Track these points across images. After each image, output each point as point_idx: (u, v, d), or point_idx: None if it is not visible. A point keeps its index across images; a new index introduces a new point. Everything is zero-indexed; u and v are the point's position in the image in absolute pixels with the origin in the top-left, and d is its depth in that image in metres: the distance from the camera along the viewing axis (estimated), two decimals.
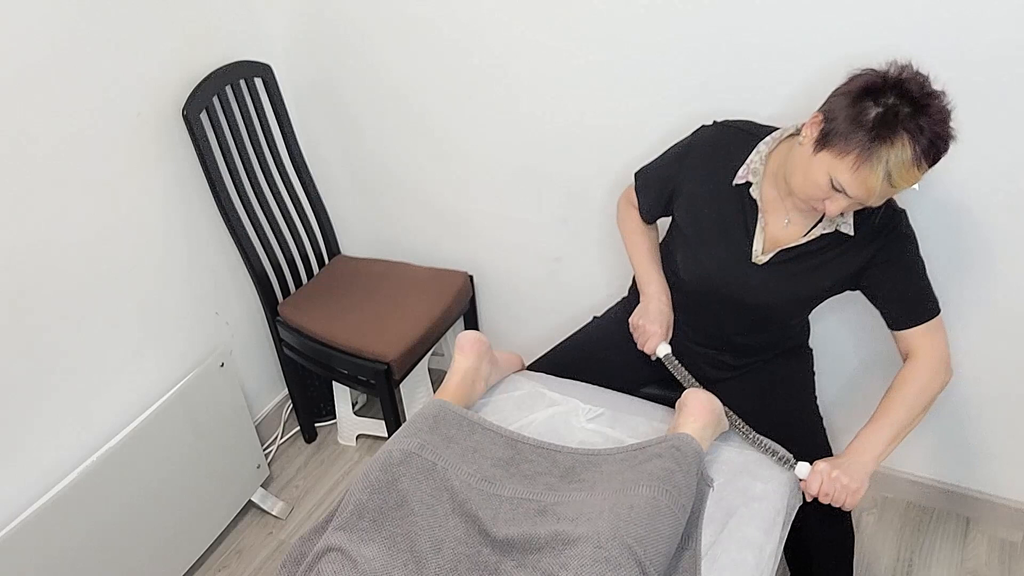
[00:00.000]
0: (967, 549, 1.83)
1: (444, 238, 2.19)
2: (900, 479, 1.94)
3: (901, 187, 1.15)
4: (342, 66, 2.01)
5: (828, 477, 1.30)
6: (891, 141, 1.11)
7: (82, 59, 1.58)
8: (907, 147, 1.11)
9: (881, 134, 1.12)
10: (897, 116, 1.11)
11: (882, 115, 1.12)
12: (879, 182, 1.13)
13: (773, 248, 1.38)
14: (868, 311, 1.52)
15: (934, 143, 1.12)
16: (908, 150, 1.11)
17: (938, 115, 1.12)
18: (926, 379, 1.35)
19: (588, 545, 1.11)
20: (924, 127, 1.11)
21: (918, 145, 1.11)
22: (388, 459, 1.29)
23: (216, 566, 2.00)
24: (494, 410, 1.55)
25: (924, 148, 1.12)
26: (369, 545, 1.21)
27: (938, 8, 1.33)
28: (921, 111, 1.12)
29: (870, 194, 1.16)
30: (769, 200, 1.38)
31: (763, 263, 1.39)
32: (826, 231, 1.34)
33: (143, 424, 1.74)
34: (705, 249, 1.43)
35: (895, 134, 1.11)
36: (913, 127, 1.11)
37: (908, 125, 1.11)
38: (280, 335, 2.09)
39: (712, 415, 1.38)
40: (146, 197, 1.79)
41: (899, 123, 1.11)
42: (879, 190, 1.15)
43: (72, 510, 1.60)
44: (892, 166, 1.12)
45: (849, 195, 1.18)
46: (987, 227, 1.52)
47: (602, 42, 1.66)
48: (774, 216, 1.38)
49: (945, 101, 1.14)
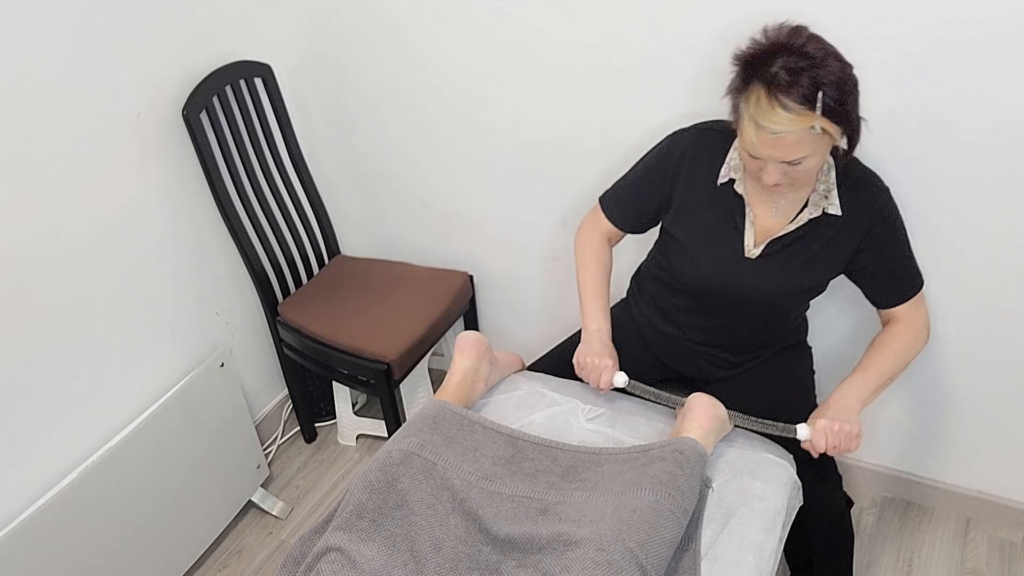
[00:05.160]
0: (967, 549, 1.83)
1: (444, 238, 2.19)
2: (900, 479, 1.94)
3: (781, 127, 1.16)
4: (342, 66, 2.01)
5: (832, 431, 1.32)
6: (746, 94, 1.21)
7: (82, 59, 1.58)
8: (759, 91, 1.18)
9: (738, 92, 1.22)
10: (749, 73, 1.20)
11: (740, 75, 1.22)
12: (756, 133, 1.20)
13: (764, 240, 1.39)
14: (868, 309, 1.52)
15: (791, 77, 1.15)
16: (760, 93, 1.18)
17: (795, 55, 1.16)
18: (911, 340, 1.42)
19: (590, 547, 1.11)
20: (777, 71, 1.16)
21: (772, 85, 1.16)
22: (388, 459, 1.29)
23: (216, 566, 2.00)
24: (494, 410, 1.55)
25: (781, 85, 1.15)
26: (369, 545, 1.21)
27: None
28: (772, 57, 1.17)
29: (763, 147, 1.20)
30: (753, 193, 1.39)
31: (756, 256, 1.40)
32: (813, 215, 1.35)
33: (143, 424, 1.74)
34: (699, 251, 1.44)
35: (748, 87, 1.20)
36: (764, 74, 1.17)
37: (758, 74, 1.18)
38: (280, 335, 2.09)
39: (716, 419, 1.38)
40: (146, 197, 1.79)
41: (752, 77, 1.19)
42: (770, 141, 1.19)
43: (72, 510, 1.60)
44: (753, 113, 1.19)
45: (760, 157, 1.23)
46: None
47: (603, 43, 1.66)
48: (762, 208, 1.39)
49: (807, 43, 1.17)
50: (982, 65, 1.36)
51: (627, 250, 1.70)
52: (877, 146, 1.46)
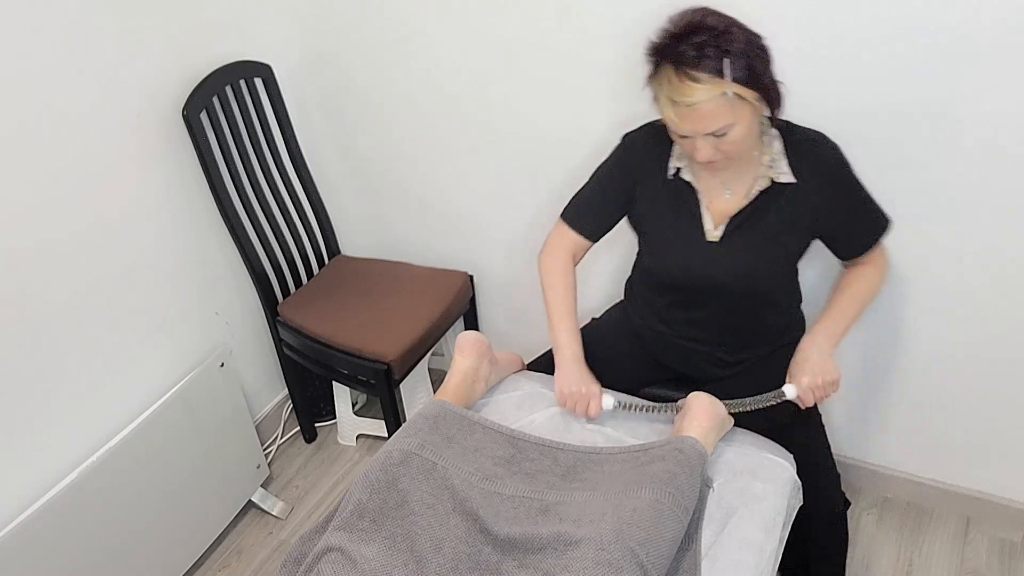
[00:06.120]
0: (967, 549, 1.83)
1: (444, 238, 2.19)
2: (900, 479, 1.94)
3: (694, 98, 1.20)
4: (342, 66, 2.01)
5: (816, 386, 1.36)
6: (658, 77, 1.26)
7: (82, 59, 1.58)
8: (668, 70, 1.23)
9: (652, 74, 1.27)
10: (659, 57, 1.25)
11: (651, 61, 1.26)
12: (674, 109, 1.24)
13: (723, 221, 1.41)
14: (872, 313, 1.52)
15: (697, 51, 1.19)
16: (670, 72, 1.22)
17: (699, 31, 1.20)
18: (876, 281, 1.47)
19: (590, 547, 1.11)
20: (683, 49, 1.20)
21: (674, 62, 1.21)
22: (388, 459, 1.29)
23: (216, 566, 2.00)
24: (494, 410, 1.55)
25: (688, 60, 1.20)
26: (369, 545, 1.21)
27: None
28: (678, 39, 1.21)
29: (684, 122, 1.24)
30: (702, 178, 1.42)
31: (719, 239, 1.41)
32: (762, 187, 1.37)
33: (143, 424, 1.74)
34: (664, 244, 1.47)
35: (659, 70, 1.25)
36: (671, 55, 1.22)
37: (665, 55, 1.23)
38: (280, 335, 2.09)
39: (716, 418, 1.38)
40: (146, 197, 1.79)
41: (662, 60, 1.24)
42: (687, 114, 1.23)
43: (72, 510, 1.60)
44: (667, 92, 1.23)
45: (686, 134, 1.27)
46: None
47: (604, 42, 1.66)
48: (713, 192, 1.42)
49: (708, 17, 1.22)
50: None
51: (602, 260, 1.69)
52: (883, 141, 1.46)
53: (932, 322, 1.67)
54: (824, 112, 1.44)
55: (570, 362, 1.50)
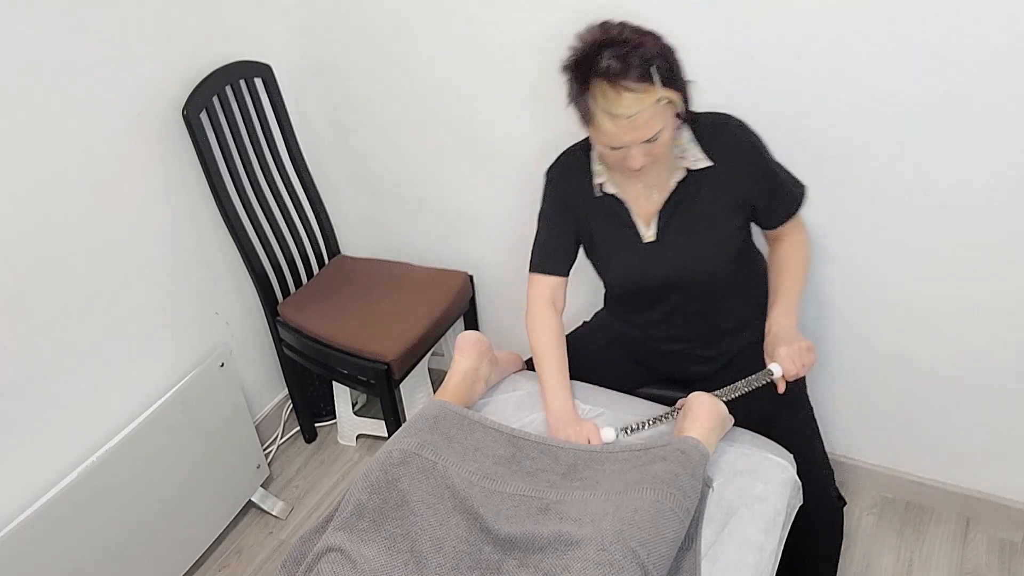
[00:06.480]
0: (967, 549, 1.83)
1: (444, 238, 2.19)
2: (900, 479, 1.94)
3: (633, 109, 1.23)
4: (342, 66, 2.01)
5: (795, 354, 1.38)
6: (589, 93, 1.26)
7: (82, 59, 1.58)
8: (600, 85, 1.24)
9: (581, 95, 1.28)
10: (582, 74, 1.26)
11: (576, 80, 1.28)
12: (613, 122, 1.25)
13: (653, 220, 1.44)
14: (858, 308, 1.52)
15: (623, 63, 1.22)
16: (602, 86, 1.24)
17: (616, 44, 1.23)
18: (806, 248, 1.51)
19: (591, 547, 1.11)
20: (608, 63, 1.22)
21: (606, 76, 1.23)
22: (388, 459, 1.29)
23: (216, 566, 2.00)
24: (494, 410, 1.55)
25: (617, 73, 1.22)
26: (369, 545, 1.21)
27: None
28: (596, 53, 1.23)
29: (623, 133, 1.25)
30: (625, 187, 1.45)
31: (655, 238, 1.45)
32: (679, 178, 1.40)
33: (143, 424, 1.74)
34: (609, 257, 1.50)
35: (588, 85, 1.26)
36: (597, 69, 1.24)
37: (592, 71, 1.24)
38: (280, 335, 2.09)
39: (717, 418, 1.38)
40: (146, 197, 1.79)
41: (588, 76, 1.25)
42: (627, 126, 1.24)
43: (72, 510, 1.60)
44: (604, 106, 1.25)
45: (622, 146, 1.28)
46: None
47: None
48: (639, 198, 1.45)
49: (622, 30, 1.25)
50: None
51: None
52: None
53: (932, 322, 1.67)
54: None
55: (558, 411, 1.47)
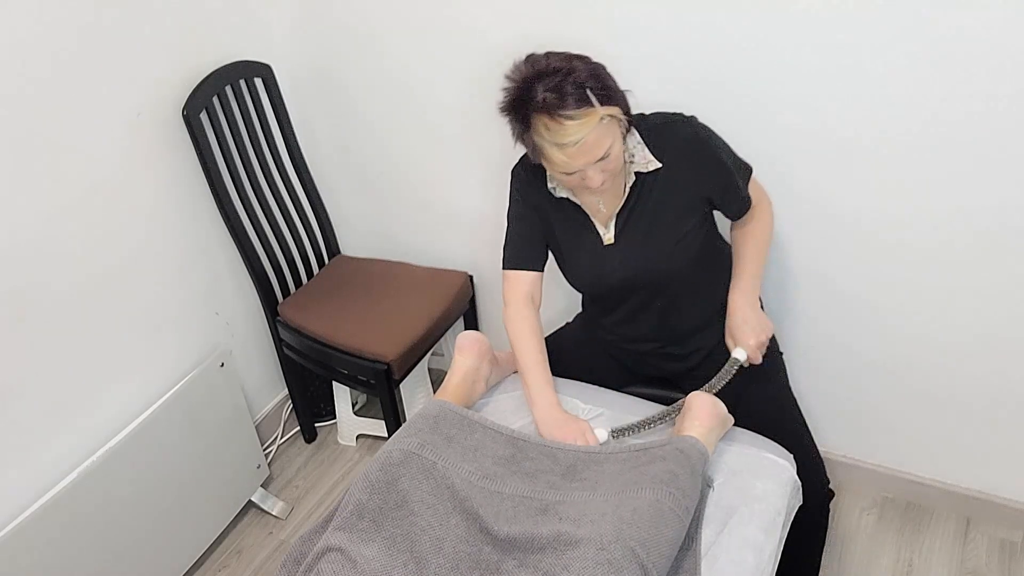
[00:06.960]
0: (967, 549, 1.83)
1: (444, 238, 2.19)
2: (900, 479, 1.94)
3: (579, 135, 1.23)
4: (342, 66, 2.01)
5: (762, 341, 1.44)
6: (533, 128, 1.27)
7: (82, 59, 1.58)
8: (540, 119, 1.25)
9: (525, 129, 1.29)
10: (521, 112, 1.27)
11: (517, 119, 1.29)
12: (562, 151, 1.26)
13: (610, 222, 1.45)
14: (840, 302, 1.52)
15: (557, 93, 1.23)
16: (543, 119, 1.25)
17: (547, 76, 1.24)
18: (766, 223, 1.53)
19: (591, 547, 1.11)
20: (543, 96, 1.23)
21: (544, 110, 1.24)
22: (388, 459, 1.29)
23: (216, 566, 2.00)
24: (494, 410, 1.55)
25: (554, 104, 1.23)
26: (369, 545, 1.21)
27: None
28: (529, 89, 1.25)
29: (576, 159, 1.26)
30: (582, 195, 1.46)
31: (614, 240, 1.45)
32: (630, 182, 1.41)
33: (143, 424, 1.74)
34: (571, 260, 1.51)
35: (529, 122, 1.27)
36: (533, 105, 1.25)
37: (530, 107, 1.25)
38: (280, 335, 2.09)
39: (717, 418, 1.38)
40: (146, 197, 1.79)
41: (527, 113, 1.26)
42: (577, 152, 1.25)
43: (72, 510, 1.60)
44: (549, 138, 1.26)
45: (577, 170, 1.29)
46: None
47: (604, 41, 1.65)
48: (597, 203, 1.46)
49: (549, 60, 1.26)
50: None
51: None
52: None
53: (932, 322, 1.67)
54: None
55: (546, 410, 1.46)
